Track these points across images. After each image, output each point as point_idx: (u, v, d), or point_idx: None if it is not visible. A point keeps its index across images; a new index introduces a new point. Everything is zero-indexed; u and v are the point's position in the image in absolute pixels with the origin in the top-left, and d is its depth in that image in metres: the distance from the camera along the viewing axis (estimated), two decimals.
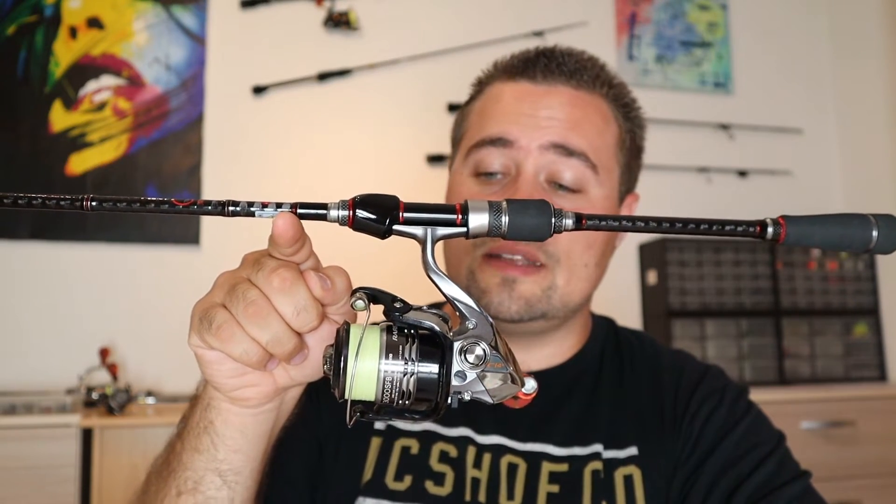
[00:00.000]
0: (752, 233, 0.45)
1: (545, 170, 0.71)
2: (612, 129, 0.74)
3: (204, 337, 0.48)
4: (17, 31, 2.12)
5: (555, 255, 0.70)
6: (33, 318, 2.04)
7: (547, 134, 0.70)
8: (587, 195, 0.71)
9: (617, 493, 0.68)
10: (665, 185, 2.53)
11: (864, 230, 0.45)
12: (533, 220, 0.44)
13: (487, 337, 0.45)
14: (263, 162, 2.26)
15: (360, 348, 0.44)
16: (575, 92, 0.73)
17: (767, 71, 2.72)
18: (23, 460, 1.60)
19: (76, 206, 0.43)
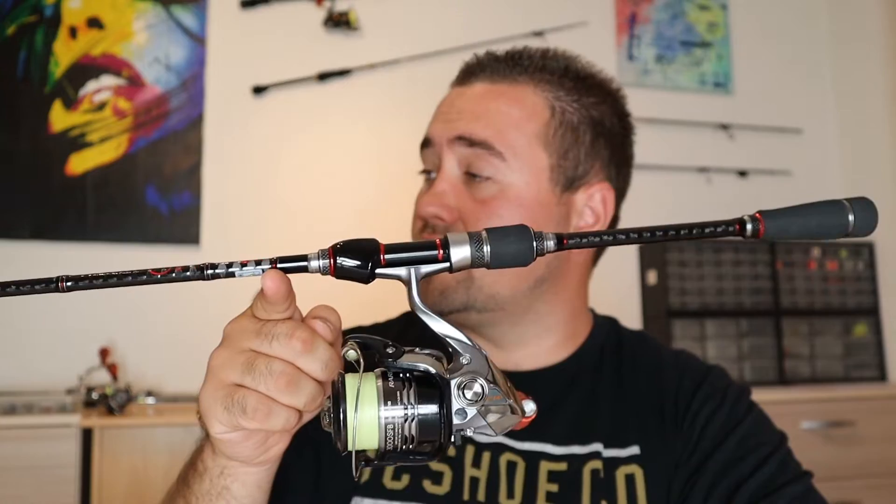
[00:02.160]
0: (732, 231, 0.45)
1: (460, 162, 0.73)
2: (536, 117, 0.73)
3: (238, 422, 0.46)
4: (17, 31, 2.12)
5: None
6: (33, 318, 2.04)
7: (453, 128, 0.73)
8: (499, 183, 0.71)
9: (618, 492, 0.68)
10: (665, 185, 2.53)
11: (840, 216, 0.46)
12: (514, 246, 0.45)
13: (483, 371, 0.45)
14: (263, 162, 2.26)
15: (358, 399, 0.44)
16: (490, 85, 0.74)
17: (767, 71, 2.72)
18: (23, 460, 1.60)
19: (51, 288, 0.44)
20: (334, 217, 2.26)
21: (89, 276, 0.44)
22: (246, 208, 2.23)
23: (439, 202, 0.72)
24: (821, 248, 2.47)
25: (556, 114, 0.74)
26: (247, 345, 0.47)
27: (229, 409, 0.46)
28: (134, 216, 2.13)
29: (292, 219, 2.25)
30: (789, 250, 2.43)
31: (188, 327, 2.12)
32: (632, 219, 2.58)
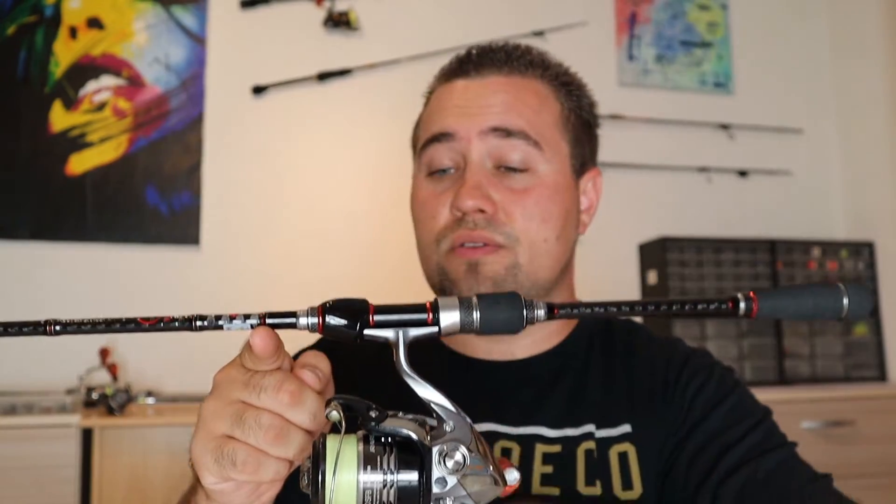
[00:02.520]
0: (725, 310, 0.46)
1: (490, 155, 0.73)
2: (551, 107, 0.76)
3: (228, 474, 0.46)
4: (17, 31, 2.12)
5: (513, 235, 0.72)
6: (34, 318, 2.04)
7: (484, 120, 0.72)
8: (536, 172, 0.73)
9: (612, 470, 0.70)
10: (665, 185, 2.54)
11: (835, 300, 0.47)
12: (504, 314, 0.45)
13: (465, 439, 0.45)
14: (263, 162, 2.26)
15: (337, 461, 0.43)
16: (506, 79, 0.76)
17: (767, 71, 2.72)
18: (23, 460, 1.60)
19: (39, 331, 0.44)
20: (334, 217, 2.26)
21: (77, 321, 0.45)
22: (246, 208, 2.23)
23: (480, 194, 0.71)
24: (821, 249, 2.47)
25: (565, 106, 0.77)
26: (236, 395, 0.47)
27: (219, 462, 0.46)
28: (134, 216, 2.13)
29: (292, 218, 2.25)
30: (789, 250, 2.43)
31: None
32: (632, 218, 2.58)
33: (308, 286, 2.21)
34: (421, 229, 0.77)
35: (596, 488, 0.69)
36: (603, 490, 0.68)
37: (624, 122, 2.50)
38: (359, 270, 2.20)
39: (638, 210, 2.50)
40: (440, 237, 0.73)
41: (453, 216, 0.72)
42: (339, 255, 2.23)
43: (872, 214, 2.59)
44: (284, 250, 2.23)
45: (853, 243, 2.52)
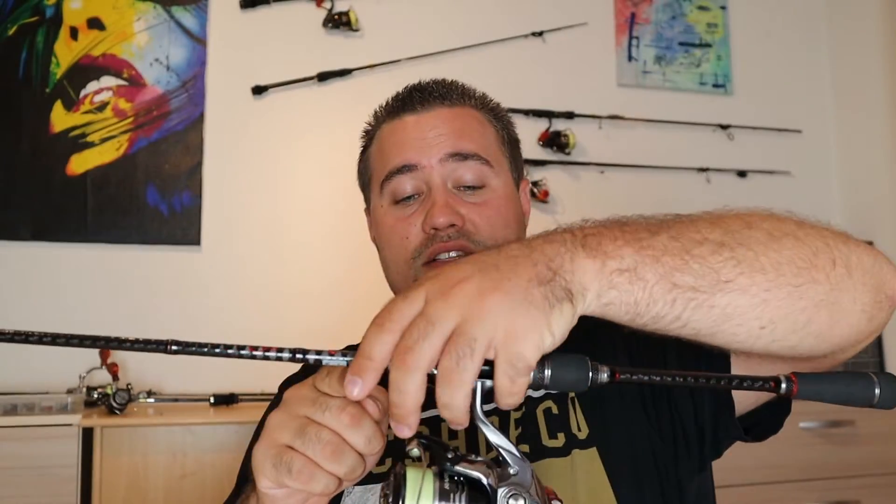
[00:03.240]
0: (768, 387, 0.49)
1: (450, 178, 0.82)
2: (489, 130, 0.87)
3: (283, 480, 0.51)
4: (18, 32, 2.12)
5: (481, 241, 0.80)
6: (34, 318, 2.04)
7: (441, 149, 0.82)
8: (489, 186, 0.83)
9: (570, 421, 0.75)
10: (665, 185, 2.54)
11: (867, 389, 0.50)
12: (573, 375, 0.48)
13: (527, 484, 0.48)
14: (264, 162, 2.26)
15: (421, 492, 0.47)
16: (450, 110, 0.86)
17: (767, 72, 2.72)
18: (23, 460, 1.60)
19: (160, 349, 0.50)
20: (334, 217, 2.26)
21: (196, 343, 0.50)
22: (246, 209, 2.23)
23: (451, 211, 0.80)
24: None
25: (499, 129, 0.89)
26: (302, 411, 0.52)
27: (277, 468, 0.51)
28: (134, 217, 2.14)
29: (293, 218, 2.26)
30: None
31: (188, 327, 2.13)
32: None
33: (308, 286, 2.22)
34: (393, 252, 0.84)
35: (558, 441, 0.74)
36: (566, 438, 0.74)
37: (623, 122, 2.50)
38: (359, 270, 2.20)
39: (638, 210, 2.47)
40: (415, 254, 0.81)
41: (426, 234, 0.80)
42: (340, 255, 2.23)
43: (871, 215, 2.59)
44: (285, 250, 2.23)
45: None
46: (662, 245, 0.52)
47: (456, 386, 0.44)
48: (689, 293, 0.51)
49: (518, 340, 0.45)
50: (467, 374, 0.44)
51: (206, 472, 1.69)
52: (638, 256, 0.51)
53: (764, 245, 0.54)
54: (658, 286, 0.50)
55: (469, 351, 0.44)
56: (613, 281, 0.50)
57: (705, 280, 0.51)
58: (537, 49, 2.45)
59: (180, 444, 1.70)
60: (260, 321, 2.15)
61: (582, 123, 2.45)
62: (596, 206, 2.44)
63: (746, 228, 0.55)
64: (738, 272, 0.52)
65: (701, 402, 0.72)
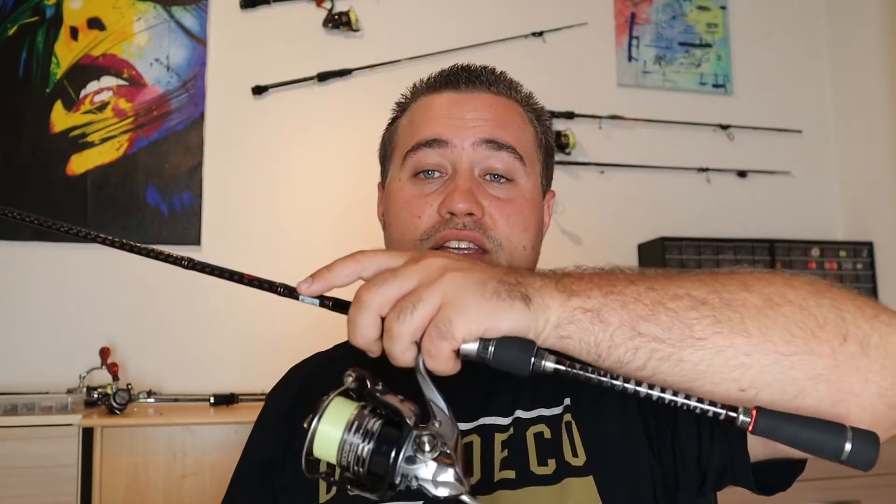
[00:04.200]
0: (722, 416, 0.46)
1: (479, 164, 0.78)
2: (530, 129, 0.84)
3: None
4: (18, 32, 2.12)
5: (497, 240, 0.76)
6: (34, 318, 2.04)
7: (477, 132, 0.78)
8: (517, 184, 0.79)
9: (564, 447, 0.70)
10: (665, 185, 2.54)
11: (836, 440, 0.46)
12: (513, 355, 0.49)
13: (447, 438, 0.50)
14: (264, 162, 2.26)
15: (334, 416, 0.50)
16: (494, 97, 0.82)
17: (767, 72, 2.72)
18: (23, 460, 1.60)
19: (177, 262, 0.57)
20: (333, 216, 2.26)
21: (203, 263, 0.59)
22: (246, 208, 2.23)
23: (472, 199, 0.75)
24: (820, 249, 2.47)
25: (538, 132, 0.85)
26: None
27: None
28: (134, 216, 2.14)
29: (293, 219, 2.26)
30: (789, 250, 2.43)
31: (188, 327, 2.13)
32: (632, 218, 2.58)
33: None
34: (400, 230, 0.79)
35: (548, 468, 0.69)
36: (557, 465, 0.69)
37: (623, 122, 2.50)
38: None
39: (637, 210, 2.51)
40: (424, 236, 0.76)
41: (440, 217, 0.76)
42: (339, 255, 2.23)
43: (871, 215, 2.59)
44: (285, 250, 2.23)
45: (852, 243, 2.52)
46: (635, 293, 0.52)
47: (395, 336, 0.49)
48: (652, 343, 0.51)
49: (453, 311, 0.48)
50: (405, 327, 0.48)
51: (206, 472, 1.69)
52: (604, 299, 0.51)
53: (756, 310, 0.52)
54: (619, 331, 0.50)
55: (411, 308, 0.48)
56: (575, 316, 0.51)
57: (672, 333, 0.51)
58: (537, 49, 2.45)
59: (180, 444, 1.70)
60: (260, 321, 2.15)
61: (582, 123, 2.45)
62: (596, 206, 2.44)
63: (742, 290, 0.54)
64: (713, 331, 0.51)
65: (709, 448, 0.66)
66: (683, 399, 0.47)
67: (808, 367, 0.51)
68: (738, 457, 0.64)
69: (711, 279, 0.54)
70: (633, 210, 2.50)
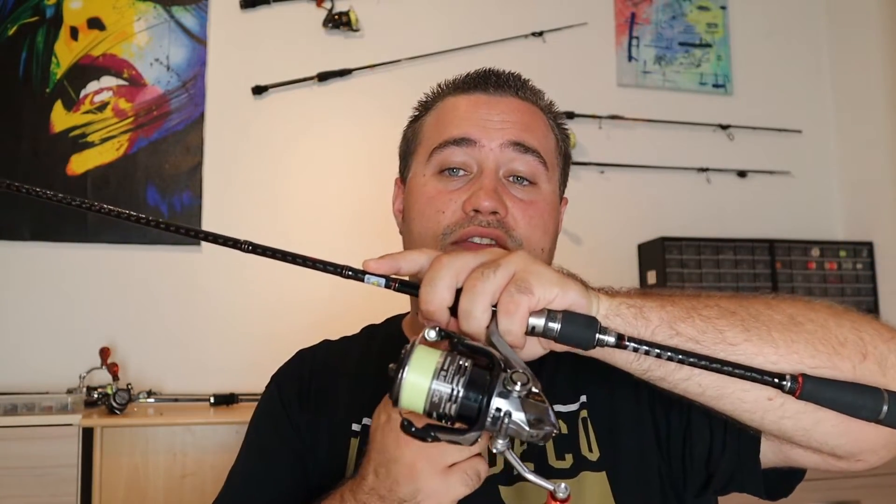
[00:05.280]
0: (772, 382, 0.50)
1: (504, 166, 0.80)
2: (551, 136, 0.86)
3: None
4: (18, 32, 2.12)
5: (518, 240, 0.77)
6: (35, 318, 2.04)
7: (505, 134, 0.80)
8: (539, 188, 0.81)
9: (580, 442, 0.73)
10: (665, 185, 2.54)
11: (875, 403, 0.50)
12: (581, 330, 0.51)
13: (532, 381, 0.50)
14: (264, 162, 2.26)
15: (420, 363, 0.50)
16: (521, 103, 0.84)
17: (767, 72, 2.72)
18: (23, 460, 1.61)
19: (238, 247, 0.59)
20: (334, 217, 2.26)
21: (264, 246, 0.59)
22: (246, 208, 2.23)
23: (498, 197, 0.77)
24: (819, 249, 2.47)
25: (558, 138, 0.87)
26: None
27: None
28: None
29: (292, 219, 2.26)
30: (789, 250, 2.43)
31: (188, 327, 2.13)
32: (632, 218, 2.57)
33: (309, 286, 2.21)
34: (424, 224, 0.80)
35: (565, 462, 0.72)
36: (574, 459, 0.72)
37: (623, 122, 2.50)
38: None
39: (637, 210, 2.51)
40: (447, 232, 0.77)
41: (465, 214, 0.77)
42: (339, 255, 2.23)
43: (871, 214, 2.59)
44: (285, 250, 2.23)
45: (852, 243, 2.52)
46: (670, 300, 0.56)
47: (476, 294, 0.51)
48: (689, 343, 0.54)
49: (531, 274, 0.52)
50: (488, 284, 0.51)
51: (206, 472, 1.69)
52: (643, 300, 0.55)
53: (780, 325, 0.55)
54: (660, 328, 0.54)
55: (494, 269, 0.51)
56: (621, 310, 0.54)
57: (707, 336, 0.54)
58: (537, 49, 2.45)
59: (180, 444, 1.70)
60: (260, 321, 2.15)
61: (582, 123, 2.45)
62: (596, 206, 2.44)
63: (767, 309, 0.57)
64: (743, 338, 0.54)
65: (720, 453, 0.68)
66: (736, 370, 0.50)
67: None
68: (750, 463, 0.67)
69: (739, 298, 0.58)
70: (633, 210, 2.50)
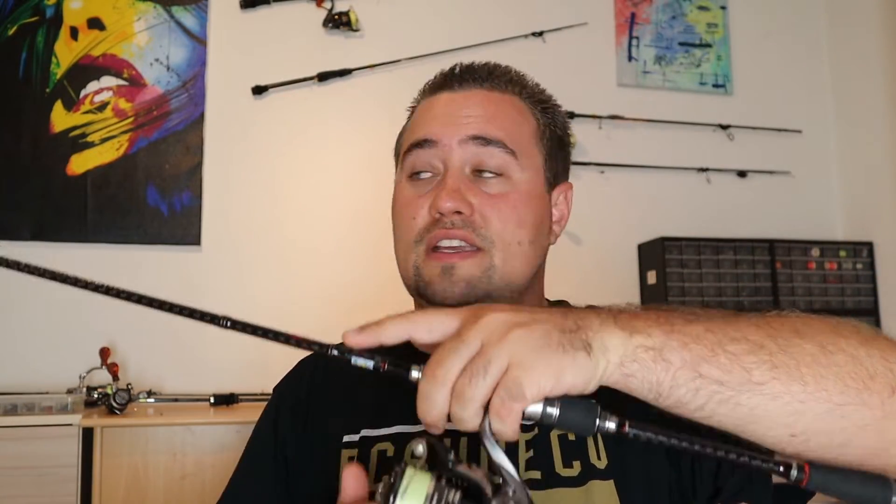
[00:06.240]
0: (778, 471, 0.48)
1: (469, 161, 0.78)
2: (528, 122, 0.82)
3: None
4: (18, 32, 2.12)
5: (488, 238, 0.76)
6: (35, 318, 2.04)
7: (466, 129, 0.78)
8: (511, 179, 0.78)
9: (589, 449, 0.72)
10: (665, 185, 2.54)
11: (883, 493, 0.48)
12: (579, 417, 0.49)
13: (523, 502, 0.49)
14: (264, 162, 2.26)
15: (409, 489, 0.48)
16: (487, 93, 0.81)
17: (767, 72, 2.72)
18: (23, 460, 1.61)
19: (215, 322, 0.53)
20: (334, 217, 2.26)
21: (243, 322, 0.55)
22: (246, 208, 2.23)
23: (459, 197, 0.75)
24: (819, 249, 2.47)
25: (541, 123, 0.83)
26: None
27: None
28: (134, 217, 2.14)
29: (292, 218, 2.26)
30: (788, 250, 2.43)
31: (188, 327, 2.12)
32: (632, 218, 2.57)
33: (309, 286, 2.22)
34: (402, 230, 0.80)
35: (573, 469, 0.71)
36: (582, 467, 0.71)
37: (623, 122, 2.50)
38: (359, 270, 2.20)
39: (637, 210, 2.51)
40: (418, 238, 0.77)
41: (432, 217, 0.76)
42: (339, 255, 2.23)
43: (871, 215, 2.59)
44: (285, 250, 2.23)
45: (852, 243, 2.52)
46: (695, 334, 0.52)
47: (467, 401, 0.48)
48: (713, 385, 0.51)
49: (523, 370, 0.47)
50: (478, 391, 0.47)
51: (206, 472, 1.69)
52: (665, 338, 0.51)
53: (811, 356, 0.53)
54: (682, 371, 0.51)
55: (483, 372, 0.48)
56: (638, 355, 0.51)
57: (732, 376, 0.51)
58: (537, 49, 2.45)
59: (180, 444, 1.70)
60: (260, 321, 2.14)
61: (582, 123, 2.45)
62: (596, 206, 2.44)
63: (796, 337, 0.54)
64: (771, 376, 0.51)
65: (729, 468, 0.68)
66: (745, 459, 0.48)
67: (859, 418, 0.52)
68: (760, 481, 0.67)
69: (765, 323, 0.55)
70: (633, 210, 2.50)
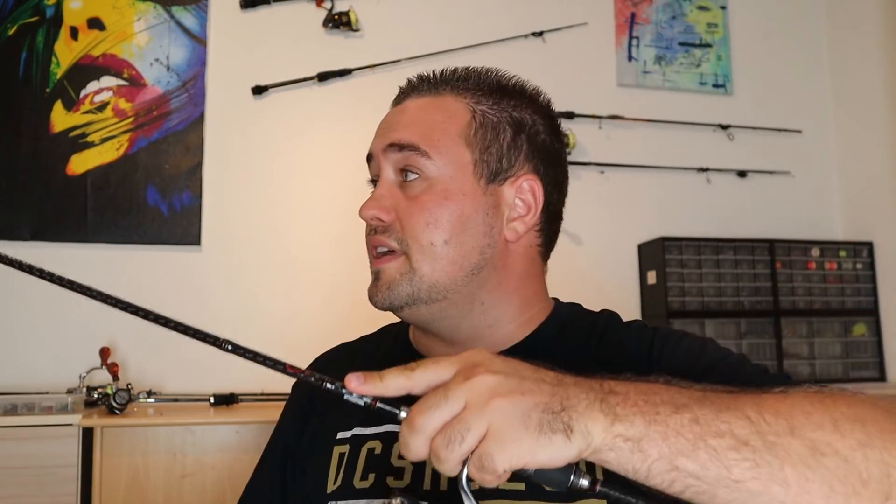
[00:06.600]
0: None
1: (396, 168, 0.82)
2: (457, 119, 0.81)
3: None
4: (18, 32, 2.12)
5: (404, 241, 0.78)
6: (35, 318, 2.04)
7: (386, 139, 0.83)
8: (427, 178, 0.79)
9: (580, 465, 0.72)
10: (665, 185, 2.54)
11: None
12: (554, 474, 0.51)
13: None
14: (264, 162, 2.26)
15: None
16: (417, 100, 0.84)
17: (767, 72, 2.72)
18: (23, 460, 1.61)
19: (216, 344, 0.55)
20: (334, 217, 2.26)
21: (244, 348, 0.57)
22: (246, 208, 2.23)
23: (378, 205, 0.81)
24: (819, 249, 2.47)
25: (477, 116, 0.81)
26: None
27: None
28: (134, 217, 2.14)
29: (292, 219, 2.26)
30: (788, 250, 2.43)
31: None
32: (631, 218, 2.57)
33: (308, 286, 2.22)
34: None
35: None
36: None
37: (623, 122, 2.50)
38: (359, 270, 2.20)
39: (637, 210, 2.51)
40: (367, 245, 0.85)
41: (368, 226, 0.84)
42: (339, 255, 2.23)
43: (871, 214, 2.59)
44: (285, 250, 2.23)
45: (852, 243, 2.52)
46: (678, 425, 0.52)
47: (443, 462, 0.50)
48: (689, 479, 0.51)
49: (497, 445, 0.49)
50: (454, 455, 0.50)
51: (206, 472, 1.69)
52: (646, 429, 0.51)
53: (798, 457, 0.51)
54: (658, 463, 0.51)
55: (460, 438, 0.49)
56: (616, 444, 0.51)
57: (710, 472, 0.51)
58: (537, 49, 2.45)
59: (180, 444, 1.70)
60: (260, 321, 2.15)
61: (582, 123, 2.45)
62: (596, 206, 2.44)
63: (787, 436, 0.52)
64: (751, 475, 0.51)
65: None
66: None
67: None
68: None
69: (757, 413, 0.54)
70: (633, 210, 2.50)
